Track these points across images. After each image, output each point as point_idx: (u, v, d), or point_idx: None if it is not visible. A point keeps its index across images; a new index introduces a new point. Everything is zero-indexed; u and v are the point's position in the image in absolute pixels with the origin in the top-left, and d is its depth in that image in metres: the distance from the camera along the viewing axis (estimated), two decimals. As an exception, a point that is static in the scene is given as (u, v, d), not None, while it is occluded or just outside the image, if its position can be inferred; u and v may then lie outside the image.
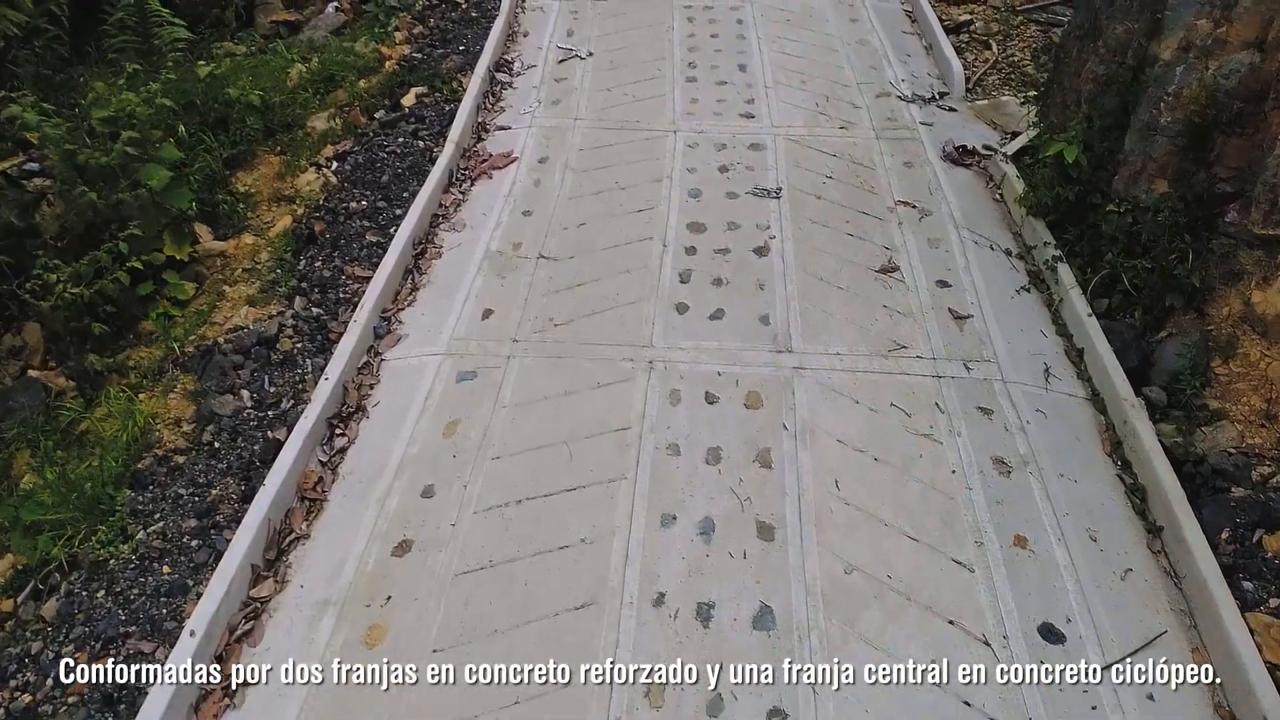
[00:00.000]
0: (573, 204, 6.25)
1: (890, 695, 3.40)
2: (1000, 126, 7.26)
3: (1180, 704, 3.43)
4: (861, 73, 7.83)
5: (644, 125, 7.11)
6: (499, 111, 7.37)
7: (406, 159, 6.70)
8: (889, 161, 6.70)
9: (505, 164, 6.69)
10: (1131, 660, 3.55)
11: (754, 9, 8.80)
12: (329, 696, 3.44)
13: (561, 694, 3.40)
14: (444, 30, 8.30)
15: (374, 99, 7.60)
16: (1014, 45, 8.27)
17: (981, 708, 3.38)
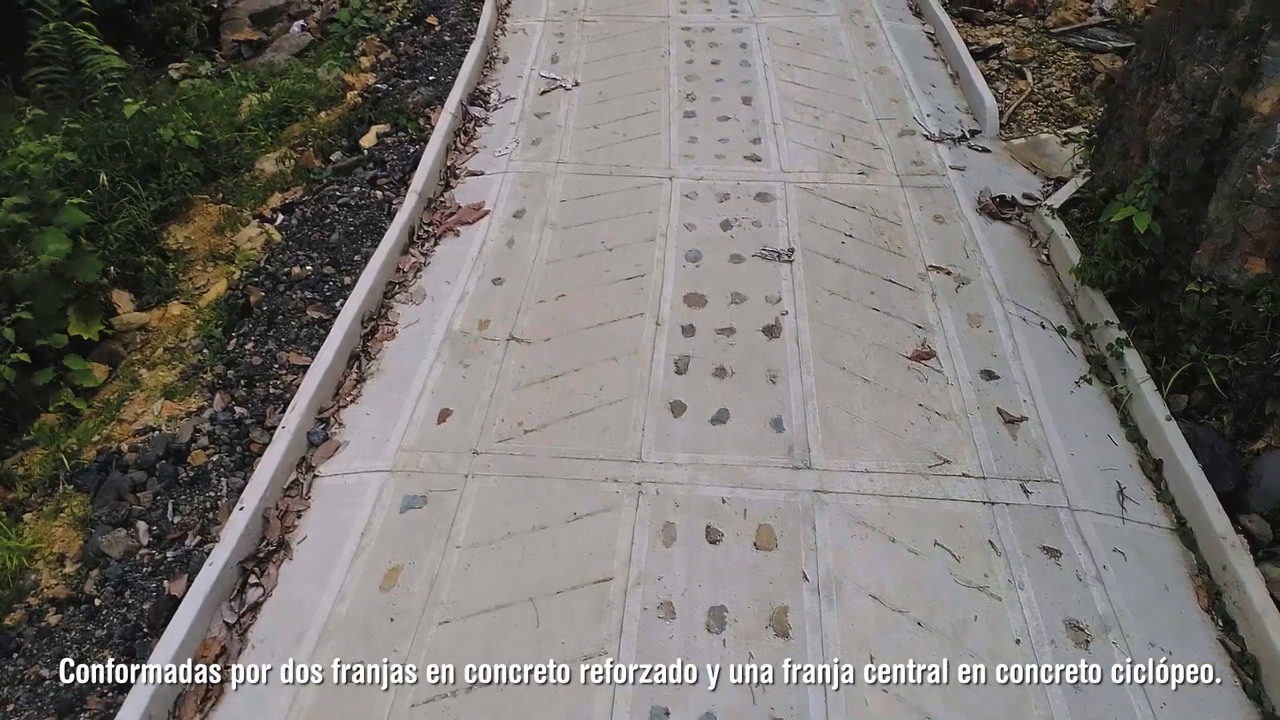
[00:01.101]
0: (551, 270, 5.36)
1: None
2: (1041, 170, 6.37)
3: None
4: (881, 106, 6.93)
5: (635, 170, 6.21)
6: (471, 153, 6.47)
7: (361, 212, 5.81)
8: (917, 215, 5.81)
9: (475, 218, 5.80)
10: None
11: (759, 31, 7.91)
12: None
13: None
14: (413, 57, 7.41)
15: (330, 137, 6.71)
16: (1051, 74, 7.38)
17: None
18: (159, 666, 3.24)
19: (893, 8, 8.40)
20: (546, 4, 8.51)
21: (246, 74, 8.17)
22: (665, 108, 6.89)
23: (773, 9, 8.30)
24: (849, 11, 8.27)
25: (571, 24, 8.16)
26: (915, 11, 8.42)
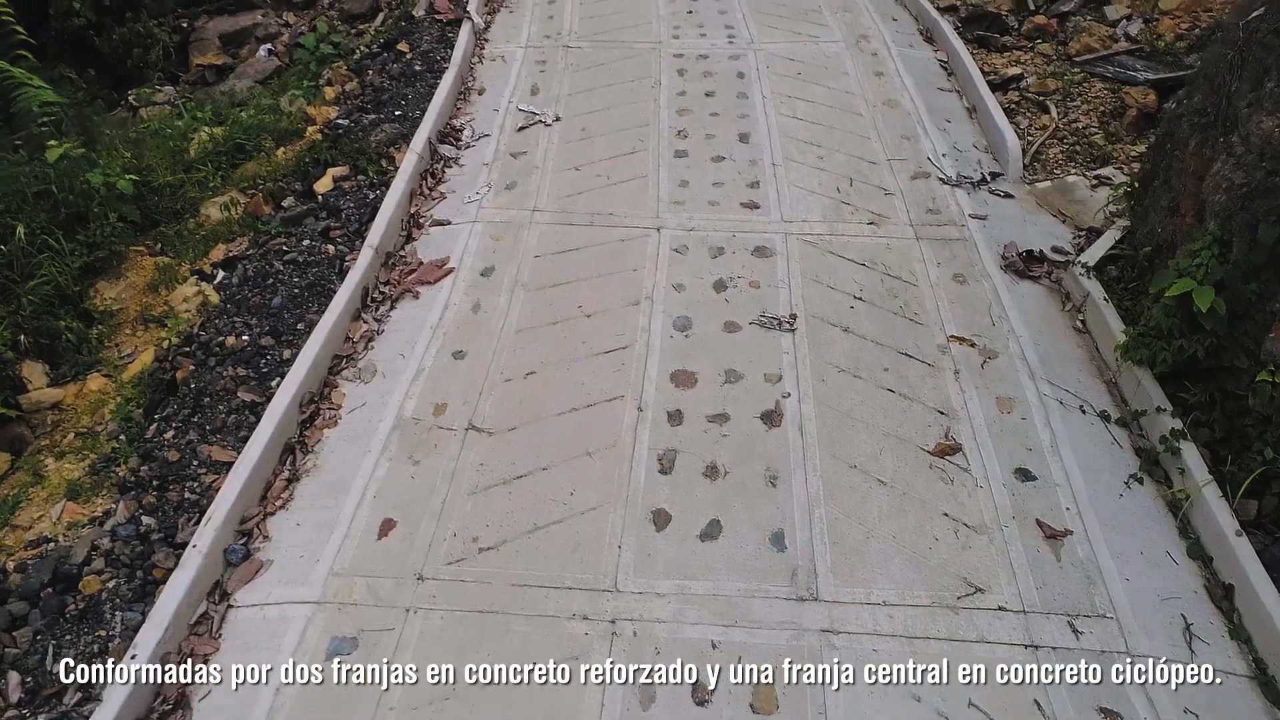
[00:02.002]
0: (520, 341, 4.71)
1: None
2: (1071, 219, 5.73)
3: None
4: (892, 144, 6.29)
5: (620, 219, 5.57)
6: (438, 199, 5.83)
7: (309, 270, 5.16)
8: (935, 274, 5.16)
9: (438, 276, 5.15)
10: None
11: (758, 59, 7.28)
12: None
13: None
14: (379, 89, 6.77)
15: (284, 180, 6.06)
16: (1076, 107, 6.74)
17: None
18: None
19: (902, 33, 7.78)
20: (528, 28, 7.89)
21: (203, 103, 7.54)
22: (654, 146, 6.25)
23: (772, 34, 7.67)
24: (855, 37, 7.64)
25: (555, 50, 7.53)
26: (926, 37, 7.80)
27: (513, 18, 8.07)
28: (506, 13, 8.17)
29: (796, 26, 7.80)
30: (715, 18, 7.98)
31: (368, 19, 8.53)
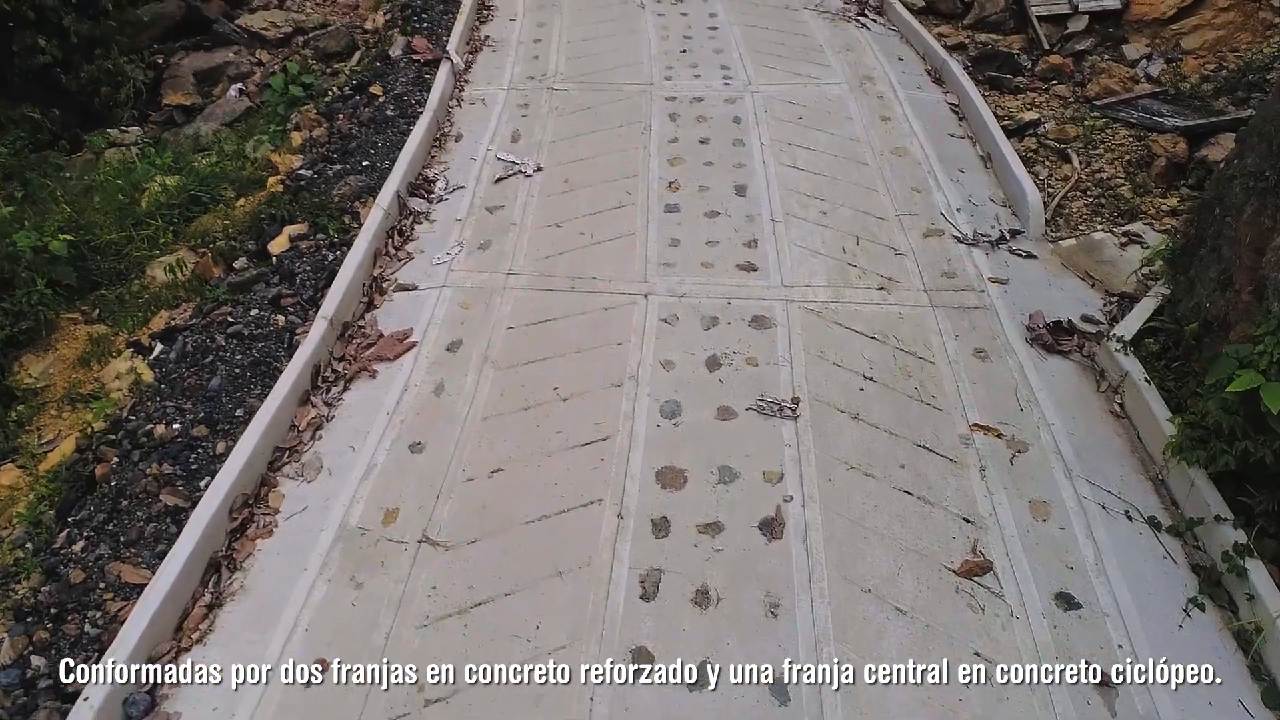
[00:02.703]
0: (487, 430, 4.15)
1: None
2: (1100, 282, 5.20)
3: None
4: (902, 198, 5.78)
5: (603, 283, 5.05)
6: (404, 260, 5.31)
7: (255, 346, 4.62)
8: (954, 348, 4.62)
9: (398, 352, 4.61)
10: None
11: (755, 101, 6.80)
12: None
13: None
14: (348, 136, 6.28)
15: (237, 239, 5.54)
16: (1100, 156, 6.24)
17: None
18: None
19: (909, 74, 7.31)
20: (512, 69, 7.42)
21: (164, 149, 7.05)
22: (643, 199, 5.75)
23: (771, 74, 7.20)
24: (859, 78, 7.17)
25: (539, 93, 7.05)
26: (935, 78, 7.33)
27: (495, 57, 7.62)
28: (489, 52, 7.72)
29: (797, 66, 7.34)
30: (710, 57, 7.53)
31: (344, 58, 8.08)
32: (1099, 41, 7.77)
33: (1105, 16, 7.90)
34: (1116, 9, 7.83)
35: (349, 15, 8.76)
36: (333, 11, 8.94)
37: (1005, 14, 8.31)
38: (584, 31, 8.03)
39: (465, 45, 7.69)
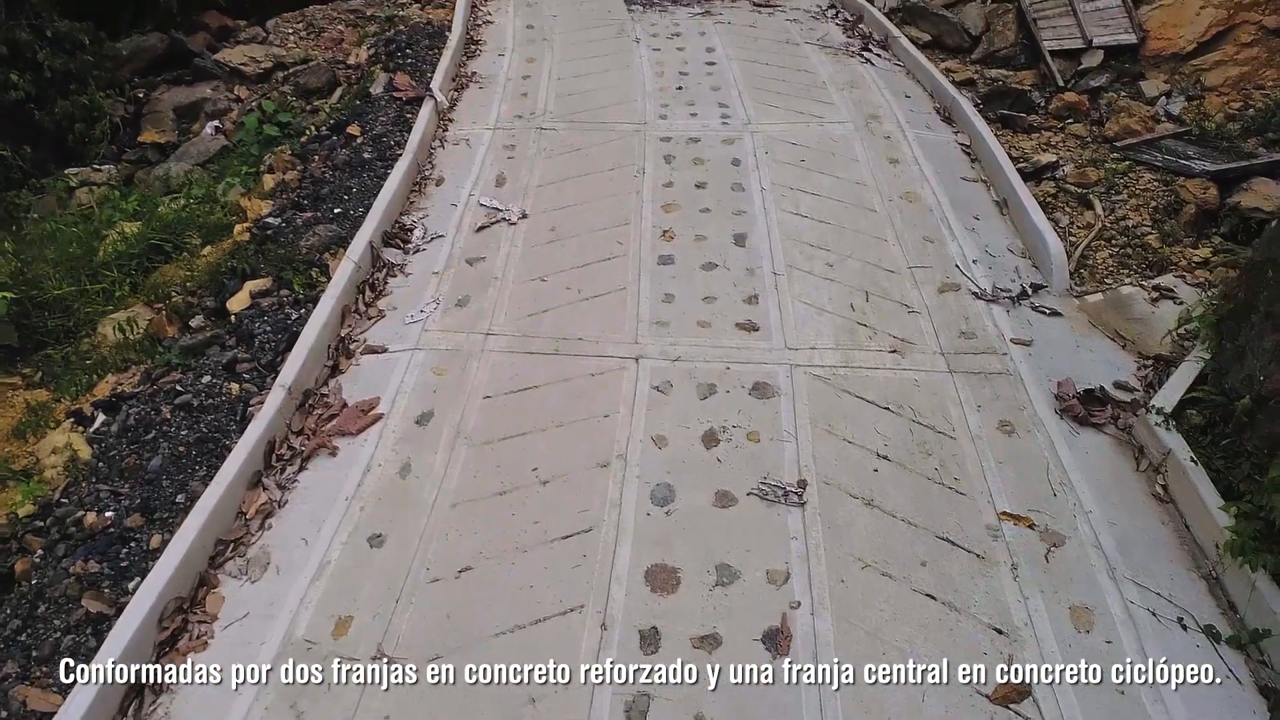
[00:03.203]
0: (457, 519, 3.70)
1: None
2: (1132, 342, 4.77)
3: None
4: (913, 248, 5.37)
5: (590, 346, 4.62)
6: (375, 318, 4.88)
7: (204, 419, 4.18)
8: (976, 421, 4.18)
9: (362, 425, 4.17)
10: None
11: (755, 142, 6.42)
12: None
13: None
14: (320, 181, 5.89)
15: (196, 294, 5.13)
16: (1124, 202, 5.84)
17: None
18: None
19: (917, 112, 6.94)
20: (499, 107, 7.06)
21: (129, 191, 6.66)
22: (635, 250, 5.34)
23: (771, 113, 6.83)
24: (864, 117, 6.79)
25: (527, 133, 6.67)
26: (944, 117, 6.96)
27: (482, 94, 7.26)
28: (476, 89, 7.36)
29: (799, 104, 6.97)
30: (708, 94, 7.16)
31: (325, 94, 7.72)
32: (1115, 77, 7.43)
33: (1121, 51, 7.56)
34: (1132, 44, 7.49)
35: (332, 50, 8.42)
36: (316, 46, 8.61)
37: (1015, 49, 7.98)
38: (575, 67, 7.68)
39: (451, 82, 7.33)
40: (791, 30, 8.51)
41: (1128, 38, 7.51)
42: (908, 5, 8.70)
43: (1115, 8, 7.70)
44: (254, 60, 8.25)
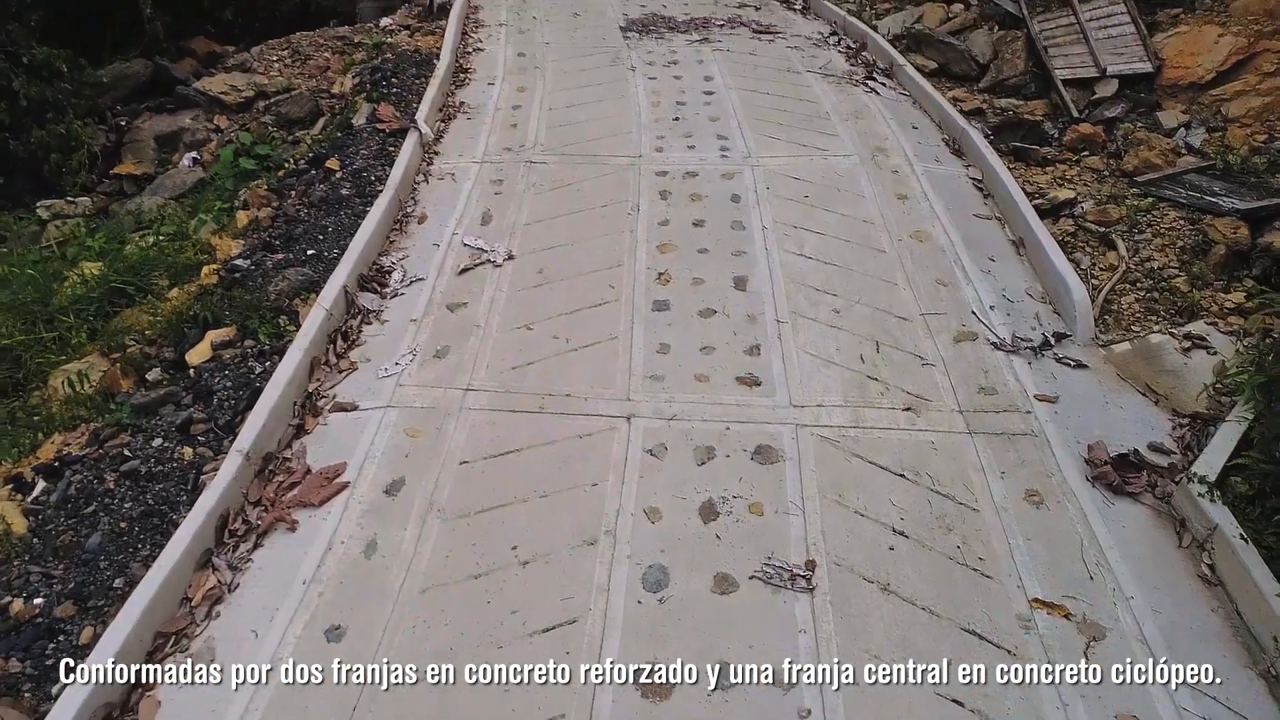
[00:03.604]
0: (426, 608, 3.32)
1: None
2: (1165, 397, 4.40)
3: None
4: (926, 292, 5.02)
5: (579, 403, 4.25)
6: (347, 370, 4.52)
7: (152, 489, 3.80)
8: (1000, 490, 3.80)
9: (325, 496, 3.79)
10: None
11: (756, 177, 6.09)
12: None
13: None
14: (294, 219, 5.55)
15: (156, 343, 4.76)
16: (1148, 241, 5.49)
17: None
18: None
19: (925, 145, 6.62)
20: (487, 138, 6.74)
21: (96, 229, 6.33)
22: (628, 294, 4.99)
23: (773, 145, 6.51)
24: (870, 150, 6.47)
25: (516, 166, 6.35)
26: (954, 149, 6.64)
27: (470, 125, 6.94)
28: (464, 119, 7.05)
29: (801, 136, 6.65)
30: (705, 126, 6.85)
31: (307, 125, 7.41)
32: (1130, 108, 7.11)
33: (1136, 80, 7.26)
34: (1148, 72, 7.19)
35: (317, 78, 8.13)
36: (300, 74, 8.32)
37: (1025, 77, 7.68)
38: (568, 97, 7.38)
39: (437, 113, 7.02)
40: (792, 58, 8.22)
41: (1143, 66, 7.21)
42: (912, 32, 8.43)
43: (1129, 35, 7.41)
44: (235, 89, 7.96)
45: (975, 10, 8.69)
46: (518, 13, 9.55)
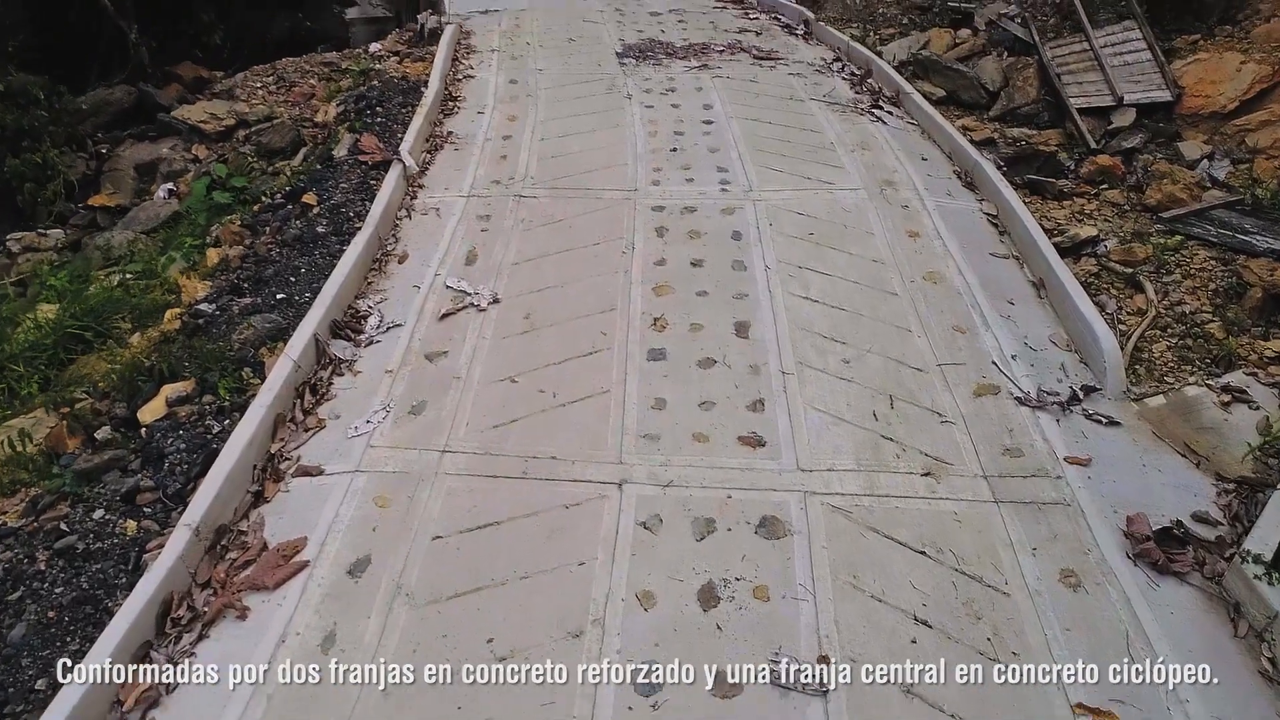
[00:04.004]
0: (390, 712, 2.90)
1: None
2: (1207, 458, 4.03)
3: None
4: (942, 340, 4.66)
5: (565, 466, 3.87)
6: (313, 429, 4.14)
7: (88, 570, 3.42)
8: (1032, 571, 3.42)
9: (281, 579, 3.40)
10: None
11: (758, 212, 5.75)
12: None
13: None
14: (264, 260, 5.20)
15: (109, 396, 4.39)
16: (1177, 283, 5.14)
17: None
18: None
19: (936, 177, 6.30)
20: (474, 171, 6.41)
21: (55, 271, 5.98)
22: (621, 341, 4.63)
23: (775, 178, 6.19)
24: (878, 183, 6.14)
25: (504, 201, 6.01)
26: (966, 182, 6.31)
27: (457, 157, 6.62)
28: (451, 150, 6.73)
29: (805, 168, 6.32)
30: (704, 157, 6.53)
31: (288, 155, 7.09)
32: (1149, 138, 6.81)
33: (1154, 109, 6.96)
34: (1167, 101, 6.89)
35: (301, 106, 7.82)
36: (284, 101, 8.01)
37: (1038, 105, 7.38)
38: (561, 126, 7.06)
39: (424, 143, 6.70)
40: (795, 85, 7.92)
41: (1162, 95, 6.90)
42: (919, 58, 8.14)
43: (1146, 62, 7.11)
44: (215, 117, 7.65)
45: (983, 36, 8.41)
46: (511, 38, 9.28)
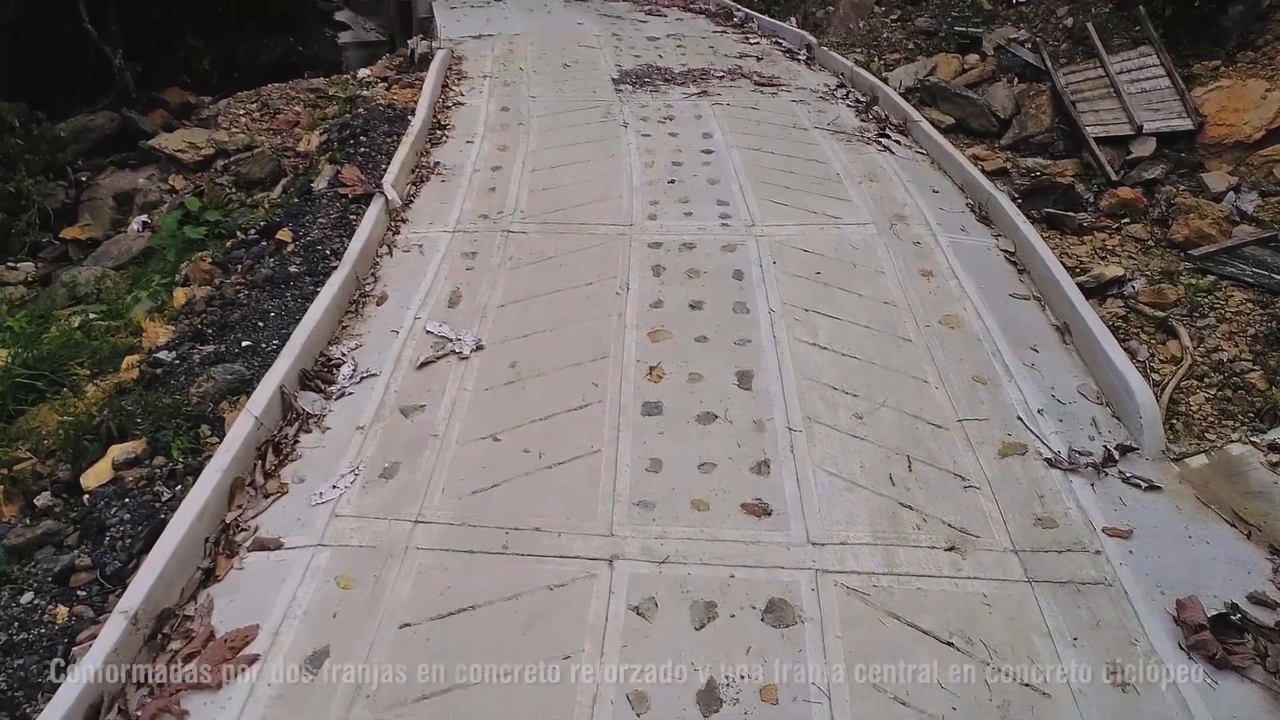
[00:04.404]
0: None
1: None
2: (1260, 529, 3.65)
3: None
4: (962, 392, 4.29)
5: (551, 540, 3.50)
6: (275, 495, 3.76)
7: (10, 664, 3.04)
8: (1074, 667, 3.03)
9: (226, 675, 2.99)
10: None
11: (761, 249, 5.41)
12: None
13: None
14: (232, 303, 4.84)
15: (54, 455, 4.01)
16: (1212, 328, 4.78)
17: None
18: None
19: (948, 212, 5.96)
20: (461, 204, 6.08)
21: (21, 305, 5.63)
22: (614, 393, 4.26)
23: (779, 212, 5.85)
24: (888, 217, 5.80)
25: (492, 236, 5.67)
26: (980, 216, 5.98)
27: (444, 189, 6.29)
28: (437, 181, 6.40)
29: (811, 201, 5.99)
30: (704, 189, 6.20)
31: (268, 186, 6.77)
32: (1171, 168, 6.49)
33: (1175, 139, 6.63)
34: (1189, 130, 6.57)
35: (284, 135, 7.51)
36: (267, 129, 7.70)
37: (1052, 134, 7.07)
38: (554, 156, 6.74)
39: (409, 175, 6.38)
40: (798, 113, 7.62)
41: (1183, 123, 6.59)
42: (926, 85, 7.84)
43: (1165, 89, 6.81)
44: (193, 146, 7.34)
45: (992, 61, 8.13)
46: (504, 64, 9.00)
